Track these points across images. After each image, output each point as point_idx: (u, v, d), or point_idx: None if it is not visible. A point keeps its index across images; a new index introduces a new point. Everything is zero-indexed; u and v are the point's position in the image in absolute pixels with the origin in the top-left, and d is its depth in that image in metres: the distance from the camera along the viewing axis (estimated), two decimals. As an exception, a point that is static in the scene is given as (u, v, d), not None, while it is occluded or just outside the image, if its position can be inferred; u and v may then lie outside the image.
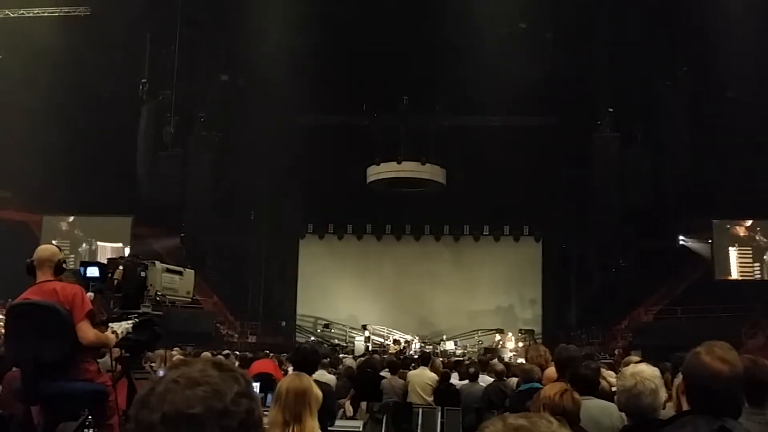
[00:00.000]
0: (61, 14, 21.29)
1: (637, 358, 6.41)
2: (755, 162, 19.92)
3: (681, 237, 24.59)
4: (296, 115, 25.13)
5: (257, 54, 21.50)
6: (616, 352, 20.34)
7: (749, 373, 3.64)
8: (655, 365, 3.85)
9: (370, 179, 25.09)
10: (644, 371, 3.54)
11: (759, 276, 23.62)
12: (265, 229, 27.69)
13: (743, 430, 2.43)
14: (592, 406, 4.25)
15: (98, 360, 4.86)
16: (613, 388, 5.05)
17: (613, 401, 4.68)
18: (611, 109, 21.93)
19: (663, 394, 3.66)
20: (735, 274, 23.71)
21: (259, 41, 21.09)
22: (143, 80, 22.46)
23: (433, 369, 11.21)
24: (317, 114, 25.58)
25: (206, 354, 11.48)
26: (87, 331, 4.51)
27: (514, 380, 9.09)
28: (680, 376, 2.72)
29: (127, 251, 22.67)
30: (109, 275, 4.70)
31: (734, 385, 2.55)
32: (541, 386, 5.66)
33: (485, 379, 10.39)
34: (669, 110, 21.97)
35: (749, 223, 23.93)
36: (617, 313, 25.08)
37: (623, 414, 4.49)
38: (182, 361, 1.29)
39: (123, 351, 4.65)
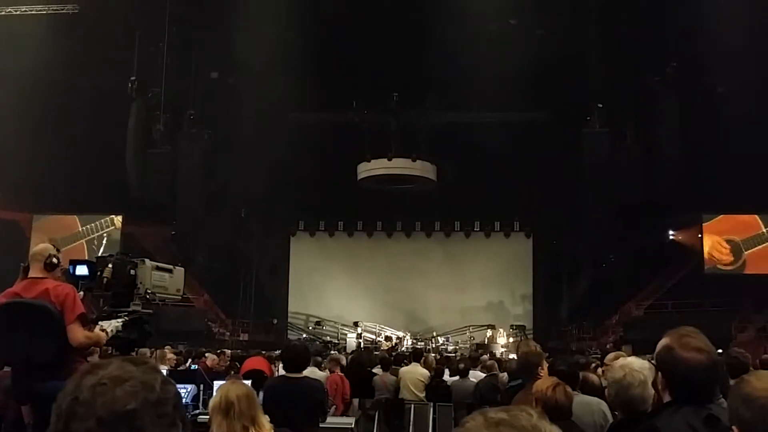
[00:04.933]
0: (49, 12, 21.19)
1: (625, 354, 6.44)
2: (745, 157, 19.99)
3: (671, 232, 24.68)
4: (286, 112, 25.09)
5: (247, 51, 21.42)
6: (608, 346, 20.44)
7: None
8: (647, 359, 3.87)
9: (360, 176, 25.05)
10: (633, 363, 3.58)
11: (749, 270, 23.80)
12: (255, 227, 27.65)
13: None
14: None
15: (88, 359, 4.85)
16: (604, 382, 5.07)
17: (602, 396, 4.70)
18: (600, 105, 21.99)
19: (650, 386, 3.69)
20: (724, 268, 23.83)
21: (248, 38, 21.01)
22: (132, 78, 22.38)
23: (427, 365, 11.25)
24: (307, 111, 25.53)
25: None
26: (77, 333, 4.49)
27: (505, 375, 9.14)
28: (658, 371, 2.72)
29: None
30: (99, 273, 4.68)
31: (713, 371, 2.57)
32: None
33: (476, 375, 10.44)
34: (659, 106, 22.04)
35: (739, 217, 24.04)
36: (608, 307, 25.18)
37: (605, 410, 4.51)
38: (94, 365, 1.27)
39: (113, 349, 4.64)
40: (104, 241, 25.08)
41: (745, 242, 23.85)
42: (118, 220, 25.60)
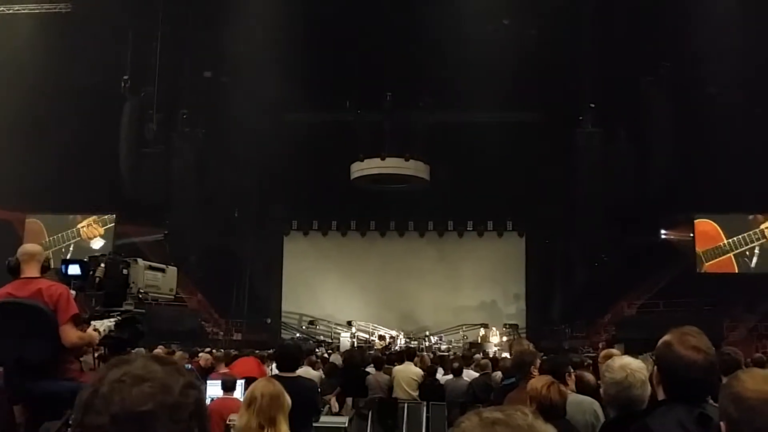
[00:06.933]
0: (42, 11, 21.15)
1: (618, 352, 6.43)
2: (737, 158, 20.05)
3: (663, 231, 24.72)
4: (280, 111, 25.06)
5: (240, 50, 21.43)
6: (600, 345, 20.46)
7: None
8: (635, 358, 3.88)
9: (354, 176, 25.06)
10: (632, 363, 3.56)
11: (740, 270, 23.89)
12: (249, 226, 27.61)
13: None
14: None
15: (80, 358, 4.84)
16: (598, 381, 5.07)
17: (596, 395, 4.71)
18: (593, 105, 22.07)
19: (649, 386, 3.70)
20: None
21: (242, 37, 21.01)
22: (125, 77, 22.36)
23: (422, 364, 11.28)
24: (301, 110, 25.51)
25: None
26: (70, 334, 4.49)
27: (499, 374, 9.16)
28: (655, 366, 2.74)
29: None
30: (91, 273, 4.67)
31: (709, 372, 2.56)
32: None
33: (469, 374, 10.46)
34: (651, 106, 22.11)
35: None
36: (600, 307, 25.20)
37: (597, 409, 4.52)
38: (121, 360, 1.26)
39: (105, 349, 4.63)
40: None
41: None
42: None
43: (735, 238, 23.66)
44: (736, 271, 23.60)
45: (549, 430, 1.23)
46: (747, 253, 23.62)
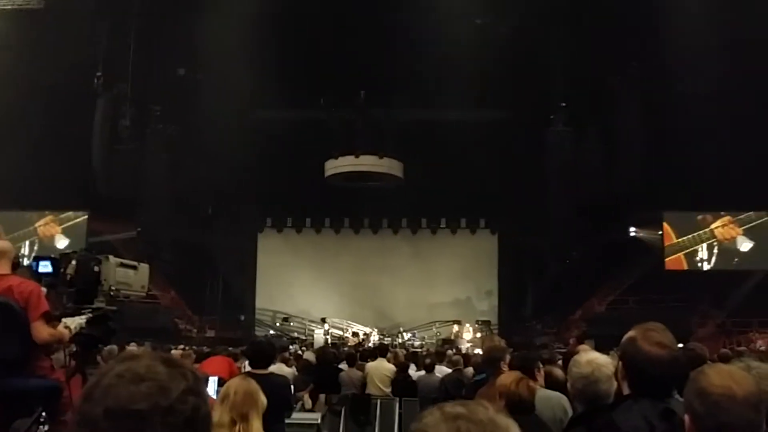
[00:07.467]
0: (14, 7, 20.89)
1: (587, 347, 6.51)
2: (706, 156, 20.28)
3: (632, 229, 24.99)
4: (254, 108, 24.98)
5: (214, 47, 21.30)
6: (570, 341, 20.64)
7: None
8: (606, 353, 3.94)
9: (328, 173, 25.03)
10: (599, 358, 3.60)
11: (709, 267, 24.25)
12: (223, 223, 27.47)
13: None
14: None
15: (51, 356, 4.83)
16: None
17: (565, 390, 4.78)
18: (564, 104, 22.27)
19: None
20: (685, 265, 24.24)
21: (215, 35, 20.90)
22: (98, 73, 22.15)
23: (395, 360, 11.33)
24: (275, 108, 25.45)
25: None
26: (41, 331, 4.49)
27: (471, 370, 9.24)
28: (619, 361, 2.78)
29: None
30: (62, 270, 4.66)
31: (673, 367, 2.60)
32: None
33: (442, 370, 10.54)
34: (621, 105, 22.34)
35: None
36: (571, 303, 25.45)
37: (566, 404, 4.58)
38: (130, 355, 1.27)
39: (77, 346, 4.62)
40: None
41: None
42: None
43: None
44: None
45: (510, 424, 1.25)
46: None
